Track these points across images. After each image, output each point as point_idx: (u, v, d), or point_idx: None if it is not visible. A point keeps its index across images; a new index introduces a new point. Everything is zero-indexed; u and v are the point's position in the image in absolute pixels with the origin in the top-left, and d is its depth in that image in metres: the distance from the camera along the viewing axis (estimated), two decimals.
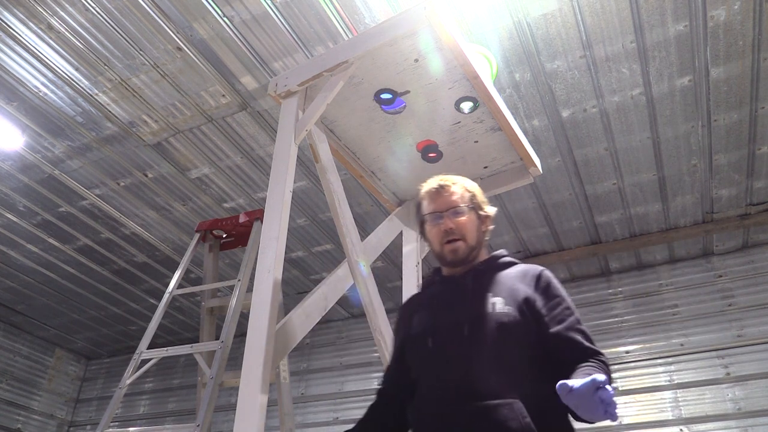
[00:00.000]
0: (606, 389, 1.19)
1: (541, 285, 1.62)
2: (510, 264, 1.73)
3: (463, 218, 1.71)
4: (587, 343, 1.51)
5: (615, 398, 1.20)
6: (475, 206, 1.74)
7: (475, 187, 1.79)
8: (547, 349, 1.52)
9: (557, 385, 1.24)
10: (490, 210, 1.78)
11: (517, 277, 1.65)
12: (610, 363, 1.55)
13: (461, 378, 1.50)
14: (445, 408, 1.50)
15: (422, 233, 1.81)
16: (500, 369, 1.49)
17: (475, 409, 1.45)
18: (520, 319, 1.54)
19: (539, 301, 1.58)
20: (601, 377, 1.19)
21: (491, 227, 1.80)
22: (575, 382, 1.21)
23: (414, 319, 1.73)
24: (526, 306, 1.56)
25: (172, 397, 7.07)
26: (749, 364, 4.42)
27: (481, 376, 1.48)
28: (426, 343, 1.62)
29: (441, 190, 1.75)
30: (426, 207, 1.76)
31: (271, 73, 3.58)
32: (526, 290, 1.60)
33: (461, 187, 1.76)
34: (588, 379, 1.20)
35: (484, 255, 1.78)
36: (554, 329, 1.52)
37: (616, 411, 1.21)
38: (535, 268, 1.68)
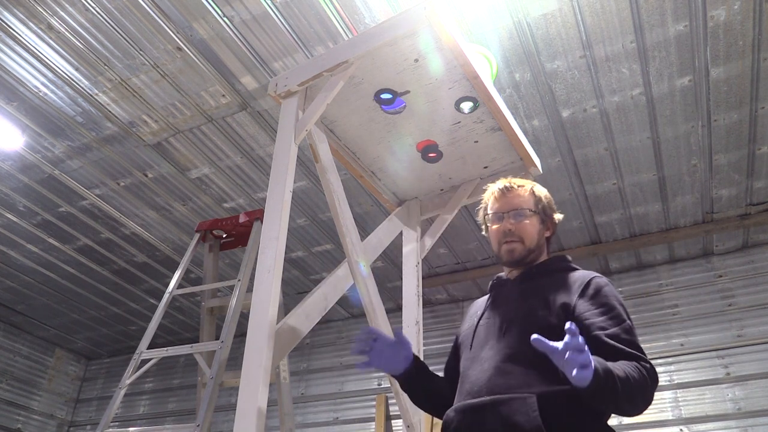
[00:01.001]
0: (578, 353, 1.21)
1: (588, 292, 1.57)
2: (567, 269, 1.71)
3: (524, 221, 1.73)
4: (629, 349, 1.44)
5: (585, 364, 1.22)
6: (539, 210, 1.76)
7: (542, 192, 1.81)
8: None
9: (532, 338, 1.27)
10: (557, 216, 1.80)
11: (566, 283, 1.63)
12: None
13: (487, 376, 1.52)
14: (467, 402, 1.53)
15: (486, 233, 1.84)
16: (523, 368, 1.48)
17: (488, 401, 1.46)
18: (554, 324, 1.52)
19: (581, 307, 1.54)
20: (576, 341, 1.21)
21: (555, 233, 1.81)
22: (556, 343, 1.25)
23: (471, 319, 1.79)
24: (563, 312, 1.54)
25: (172, 397, 7.07)
26: (749, 364, 4.42)
27: (503, 373, 1.50)
28: (471, 342, 1.67)
29: (506, 191, 1.78)
30: (490, 206, 1.80)
31: (271, 73, 3.58)
32: (568, 297, 1.57)
33: (527, 190, 1.79)
34: (565, 339, 1.23)
35: (544, 258, 1.78)
36: (595, 333, 1.47)
37: (582, 375, 1.22)
38: (587, 274, 1.65)
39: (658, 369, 4.65)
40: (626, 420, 4.59)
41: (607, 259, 5.14)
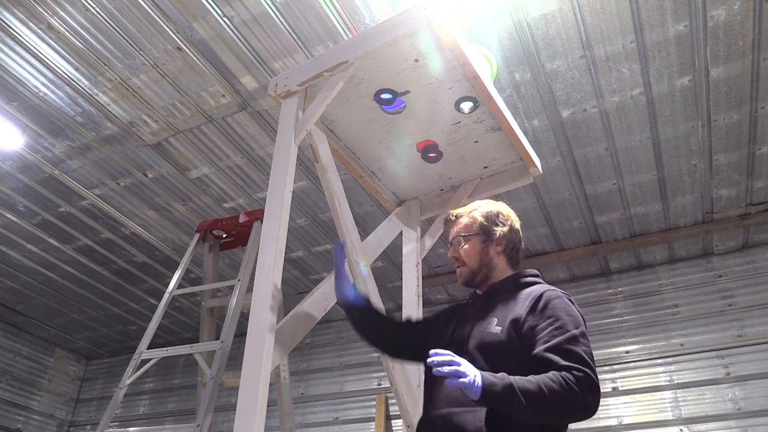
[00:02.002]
0: (444, 367, 1.38)
1: (538, 306, 1.63)
2: (525, 285, 1.77)
3: (463, 246, 1.87)
4: (565, 362, 1.47)
5: (458, 375, 1.37)
6: (477, 232, 1.87)
7: (481, 212, 1.91)
8: (531, 369, 1.50)
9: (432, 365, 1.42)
10: (502, 230, 1.88)
11: (521, 298, 1.71)
12: (612, 363, 1.61)
13: (447, 391, 1.63)
14: (430, 414, 1.68)
15: None
16: None
17: (445, 413, 1.60)
18: (505, 341, 1.61)
19: (529, 323, 1.60)
20: (439, 358, 1.39)
21: (511, 244, 1.89)
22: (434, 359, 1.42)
23: (449, 325, 1.90)
24: (512, 327, 1.62)
25: (172, 397, 7.07)
26: (749, 364, 4.42)
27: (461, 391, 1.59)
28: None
29: (448, 222, 1.97)
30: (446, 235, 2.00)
31: (271, 73, 3.58)
32: (518, 312, 1.65)
33: (466, 216, 1.92)
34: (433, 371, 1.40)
35: (506, 274, 1.85)
36: (535, 350, 1.53)
37: (465, 386, 1.38)
38: (540, 289, 1.71)
39: (659, 369, 4.68)
40: (626, 420, 4.59)
41: (607, 259, 5.14)
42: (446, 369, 1.38)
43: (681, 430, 4.41)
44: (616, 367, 4.81)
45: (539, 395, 1.39)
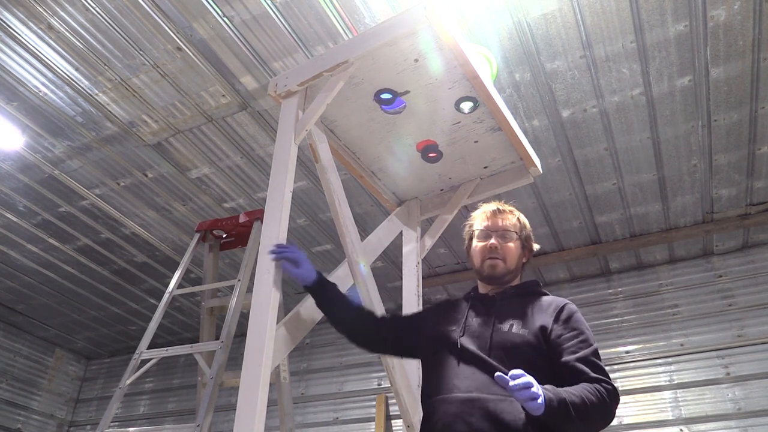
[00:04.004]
0: (525, 390, 1.42)
1: (562, 317, 1.74)
2: (539, 294, 1.87)
3: (509, 243, 1.91)
4: (594, 374, 1.60)
5: (533, 397, 1.42)
6: (522, 237, 1.95)
7: (526, 222, 2.01)
8: (558, 376, 1.62)
9: (496, 375, 1.47)
10: (535, 246, 2.00)
11: (541, 307, 1.79)
12: (612, 363, 1.64)
13: (476, 385, 1.64)
14: (453, 396, 1.65)
15: (467, 248, 2.02)
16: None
17: (477, 397, 1.60)
18: (533, 342, 1.68)
19: (556, 331, 1.70)
20: (519, 384, 1.42)
21: (530, 260, 2.00)
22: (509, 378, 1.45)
23: (444, 322, 1.90)
24: (541, 333, 1.70)
25: (172, 397, 7.07)
26: (749, 364, 4.42)
27: (492, 385, 1.60)
28: (456, 352, 1.76)
29: (498, 212, 1.97)
30: (478, 224, 1.98)
31: (271, 73, 3.58)
32: (545, 319, 1.73)
33: (515, 216, 1.98)
34: (510, 384, 1.43)
35: (517, 282, 1.95)
36: (566, 358, 1.63)
37: (534, 406, 1.42)
38: (560, 301, 1.81)
39: (659, 369, 4.69)
40: (626, 420, 4.59)
41: (607, 259, 5.14)
42: (525, 393, 1.42)
43: (681, 430, 4.41)
44: (616, 367, 4.81)
45: (583, 408, 1.50)
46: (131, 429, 5.58)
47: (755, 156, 4.01)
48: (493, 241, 1.90)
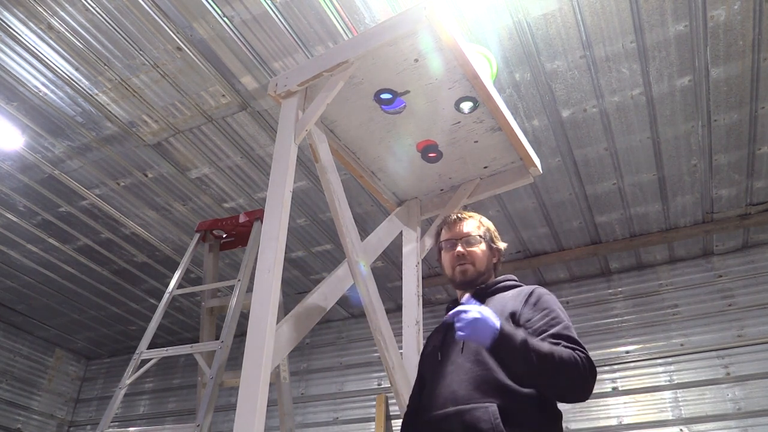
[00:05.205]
0: (461, 316, 1.54)
1: (530, 300, 1.75)
2: (512, 287, 1.90)
3: (475, 247, 1.94)
4: (568, 342, 1.59)
5: (467, 321, 1.52)
6: (486, 239, 1.98)
7: (488, 223, 2.04)
8: None
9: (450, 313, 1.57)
10: (501, 245, 2.03)
11: (511, 296, 1.82)
12: (612, 363, 1.63)
13: (450, 389, 1.66)
14: (433, 413, 1.67)
15: (438, 259, 2.04)
16: (482, 379, 1.62)
17: (453, 411, 1.60)
18: None
19: (525, 315, 1.71)
20: (464, 308, 1.55)
21: (501, 260, 2.02)
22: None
23: (429, 341, 1.97)
24: (511, 320, 1.70)
25: (172, 397, 7.07)
26: (749, 364, 4.42)
27: (464, 385, 1.63)
28: (436, 359, 1.81)
29: (458, 220, 2.00)
30: (443, 235, 2.02)
31: (271, 73, 3.58)
32: (514, 306, 1.75)
33: (476, 220, 2.01)
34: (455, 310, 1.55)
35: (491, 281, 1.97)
36: (538, 338, 1.62)
37: (461, 331, 1.54)
38: (530, 287, 1.84)
39: (659, 369, 4.68)
40: (627, 420, 4.59)
41: (607, 259, 5.14)
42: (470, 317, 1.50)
43: (681, 430, 4.41)
44: (616, 367, 4.81)
45: (547, 357, 1.50)
46: (131, 429, 5.58)
47: (755, 156, 4.01)
48: (459, 248, 1.93)
